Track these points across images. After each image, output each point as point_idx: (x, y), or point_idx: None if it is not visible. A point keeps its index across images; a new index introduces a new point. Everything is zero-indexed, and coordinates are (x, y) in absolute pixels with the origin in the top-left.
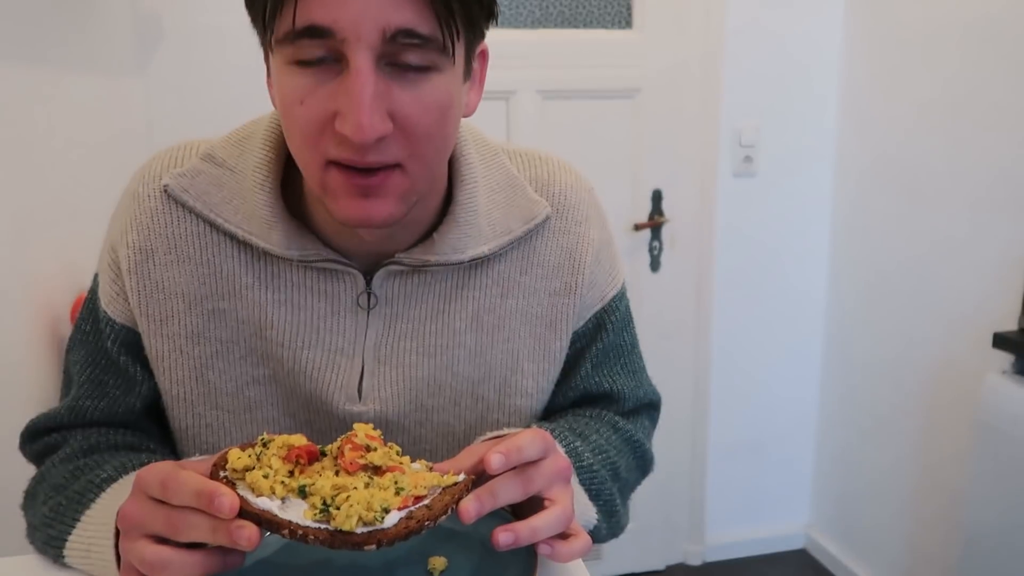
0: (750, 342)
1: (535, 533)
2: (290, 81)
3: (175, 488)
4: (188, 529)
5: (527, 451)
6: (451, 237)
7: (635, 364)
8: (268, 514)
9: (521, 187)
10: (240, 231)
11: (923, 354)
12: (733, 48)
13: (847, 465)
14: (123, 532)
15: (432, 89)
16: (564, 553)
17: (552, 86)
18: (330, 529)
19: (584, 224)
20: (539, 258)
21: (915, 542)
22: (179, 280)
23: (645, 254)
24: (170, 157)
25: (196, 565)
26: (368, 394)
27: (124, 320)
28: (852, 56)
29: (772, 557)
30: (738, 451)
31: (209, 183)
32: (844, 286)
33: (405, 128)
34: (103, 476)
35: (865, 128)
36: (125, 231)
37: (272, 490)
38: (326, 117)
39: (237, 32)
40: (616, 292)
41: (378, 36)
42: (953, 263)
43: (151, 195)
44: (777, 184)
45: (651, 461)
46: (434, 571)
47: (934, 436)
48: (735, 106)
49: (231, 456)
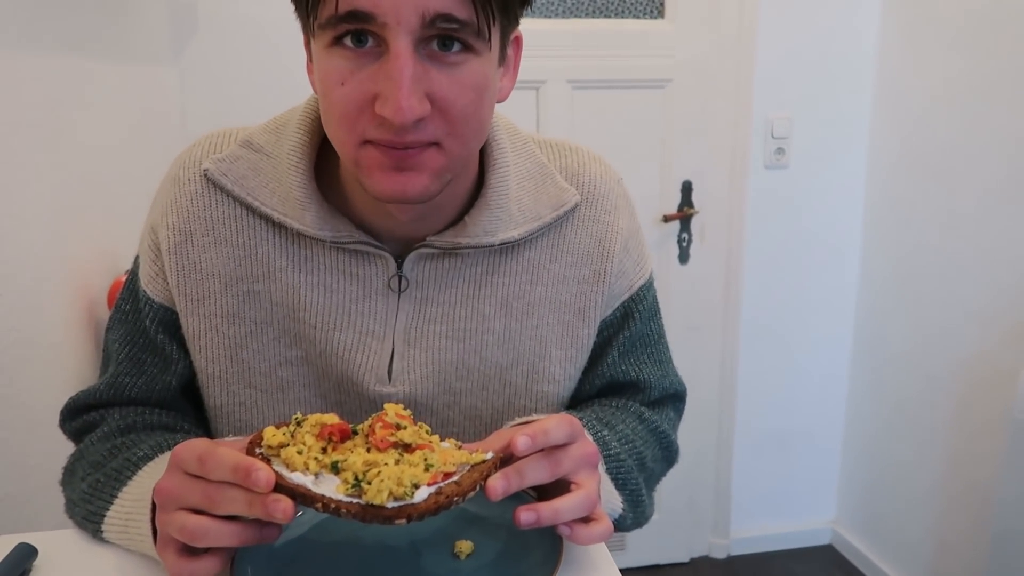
0: (778, 335)
1: (557, 515)
2: (331, 63)
3: (213, 463)
4: (225, 502)
5: (553, 434)
6: (482, 220)
7: (661, 354)
8: (302, 488)
9: (551, 175)
10: (275, 213)
11: (955, 348)
12: (766, 39)
13: (875, 460)
14: (160, 506)
15: (469, 71)
16: (583, 535)
17: (583, 76)
18: (362, 503)
19: (613, 213)
20: (568, 246)
21: (943, 540)
22: (216, 261)
23: (674, 245)
24: (210, 143)
25: (234, 535)
26: (398, 376)
27: (163, 300)
28: (888, 46)
29: (798, 552)
30: (765, 445)
31: (247, 168)
32: (875, 279)
33: (443, 109)
34: (140, 455)
35: (899, 120)
36: (165, 213)
37: (306, 466)
38: (366, 98)
39: (271, 22)
40: (644, 282)
41: (417, 21)
42: (987, 256)
43: (191, 179)
44: (809, 176)
45: (676, 452)
46: (460, 554)
47: (965, 432)
48: (767, 97)
49: (266, 434)
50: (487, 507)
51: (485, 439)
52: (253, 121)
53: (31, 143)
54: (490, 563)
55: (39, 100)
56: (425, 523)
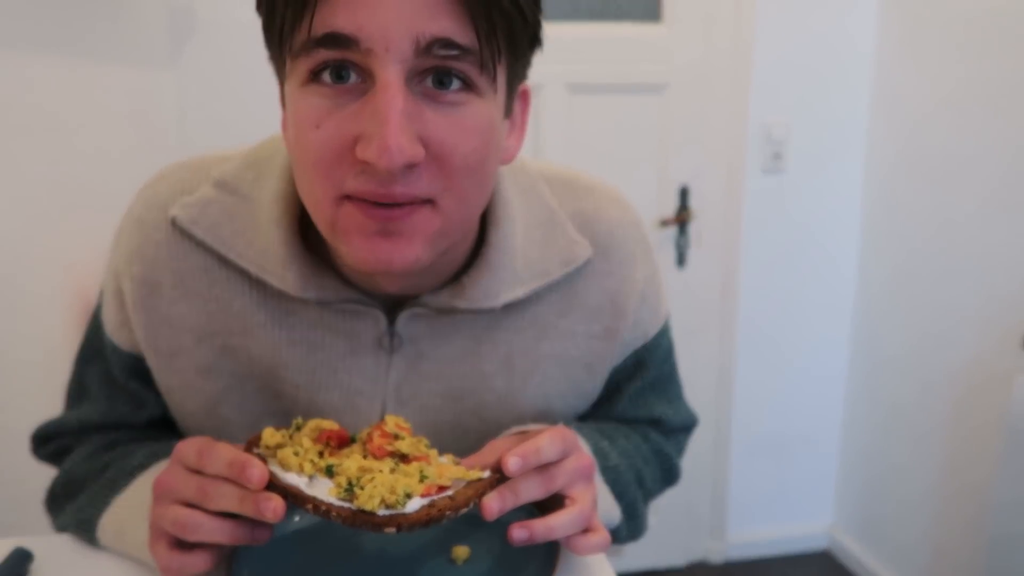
0: (775, 339)
1: (551, 531)
2: (306, 102)
3: (210, 457)
4: (218, 497)
5: (545, 452)
6: (483, 282)
7: (673, 392)
8: (294, 489)
9: (561, 225)
10: (253, 267)
11: (952, 353)
12: (763, 43)
13: (872, 465)
14: (156, 498)
15: (470, 114)
16: (580, 546)
17: (580, 80)
18: (353, 508)
19: (629, 265)
20: (579, 300)
21: (941, 546)
22: (187, 315)
23: (671, 250)
24: (179, 180)
25: (225, 531)
26: None
27: (130, 348)
28: (885, 50)
29: (795, 558)
30: (762, 449)
31: (220, 214)
32: (872, 284)
33: (439, 156)
34: (135, 464)
35: (896, 125)
36: (129, 261)
37: (301, 467)
38: (345, 143)
39: None
40: (660, 328)
41: (410, 47)
42: (984, 261)
43: (157, 225)
44: (806, 181)
45: (677, 475)
46: (457, 560)
47: (962, 437)
48: (764, 102)
49: (265, 434)
50: None
51: (479, 452)
52: (248, 125)
53: (28, 146)
54: (487, 569)
55: (36, 103)
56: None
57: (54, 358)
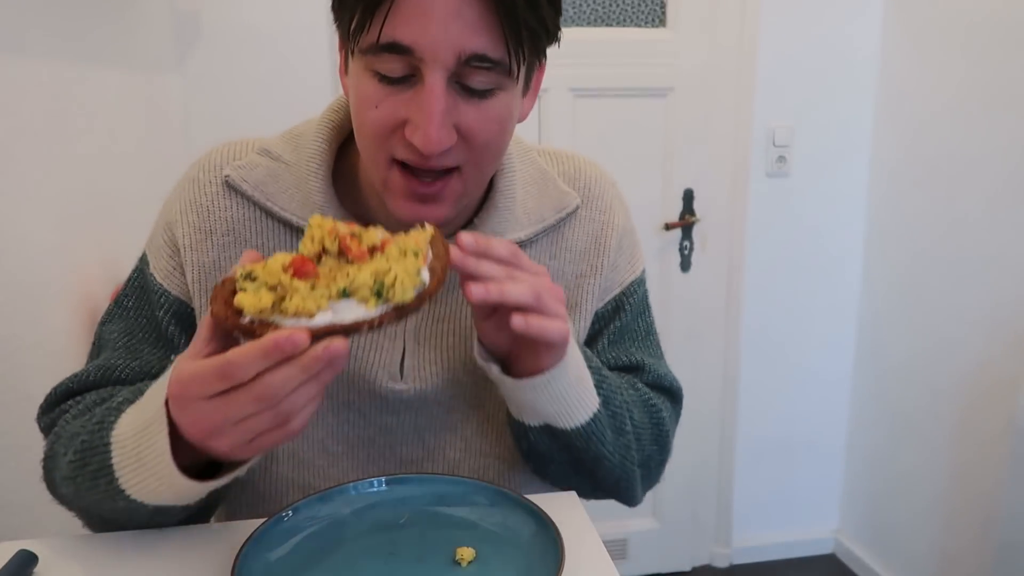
0: (780, 343)
1: (503, 294)
2: (367, 86)
3: (238, 366)
4: (281, 387)
5: (497, 249)
6: (492, 222)
7: (651, 349)
8: (336, 326)
9: (552, 179)
10: (295, 218)
11: (958, 357)
12: (767, 47)
13: (878, 469)
14: (207, 436)
15: (495, 104)
16: (534, 323)
17: (585, 84)
18: (396, 305)
19: (608, 212)
20: (567, 243)
21: (947, 550)
22: (235, 260)
23: (675, 254)
24: (229, 150)
25: (311, 387)
26: (409, 373)
27: (179, 293)
28: (890, 53)
29: (800, 562)
30: (767, 453)
31: (265, 174)
32: (877, 288)
33: (468, 139)
34: (119, 399)
35: (901, 128)
36: (184, 211)
37: (318, 305)
38: (397, 122)
39: (274, 30)
40: (635, 278)
41: (453, 59)
42: (990, 265)
43: (211, 181)
44: (811, 184)
45: (668, 438)
46: (462, 561)
47: (968, 441)
48: (769, 106)
49: (244, 303)
50: (488, 514)
51: None
52: (255, 128)
53: (34, 150)
54: (491, 570)
55: (42, 107)
56: (427, 530)
57: (60, 360)
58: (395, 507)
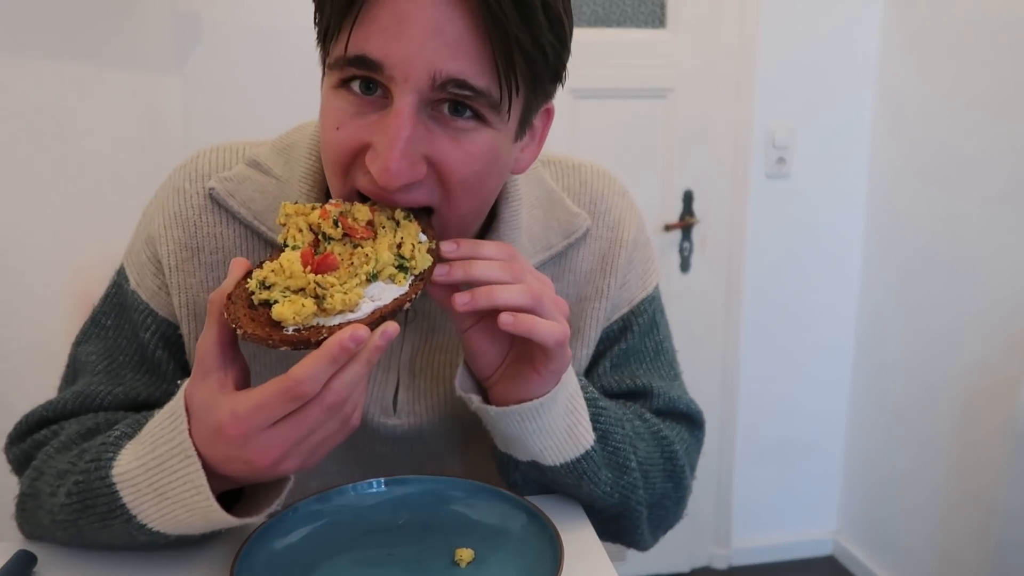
0: (779, 344)
1: (492, 298)
2: (333, 104)
3: (306, 381)
4: (349, 385)
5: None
6: None
7: (663, 370)
8: (380, 311)
9: (559, 200)
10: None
11: (957, 357)
12: (767, 48)
13: (877, 471)
14: (279, 463)
15: (477, 141)
16: (524, 320)
17: (584, 85)
18: (419, 279)
19: (616, 228)
20: (572, 265)
21: (946, 552)
22: (223, 279)
23: (675, 255)
24: (216, 158)
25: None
26: (403, 407)
27: (167, 314)
28: (889, 55)
29: (799, 564)
30: (766, 454)
31: (254, 190)
32: (876, 288)
33: (441, 174)
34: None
35: (901, 129)
36: (168, 226)
37: (359, 296)
38: (359, 147)
39: (274, 32)
40: (646, 295)
41: (427, 80)
42: (988, 264)
43: (197, 192)
44: (811, 185)
45: (683, 473)
46: (461, 562)
47: (968, 443)
48: (769, 107)
49: (283, 313)
50: (488, 514)
51: None
52: (254, 130)
53: (35, 150)
54: (490, 572)
55: (43, 107)
56: (426, 531)
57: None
58: (394, 508)
